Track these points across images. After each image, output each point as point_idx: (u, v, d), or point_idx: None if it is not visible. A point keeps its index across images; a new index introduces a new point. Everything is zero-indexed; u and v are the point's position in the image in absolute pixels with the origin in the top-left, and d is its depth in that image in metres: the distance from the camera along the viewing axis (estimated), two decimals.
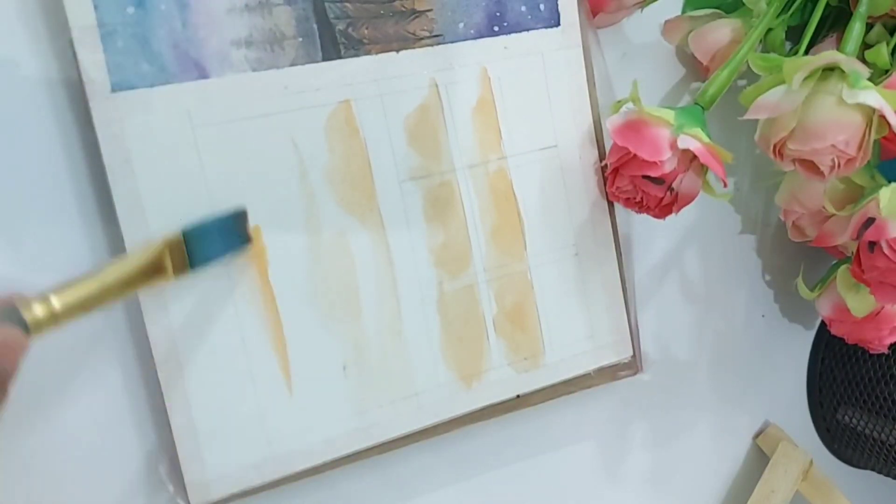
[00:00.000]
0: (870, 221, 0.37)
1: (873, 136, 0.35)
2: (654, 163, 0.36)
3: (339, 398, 0.36)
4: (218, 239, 0.33)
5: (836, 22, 0.44)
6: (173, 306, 0.33)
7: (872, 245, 0.37)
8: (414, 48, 0.37)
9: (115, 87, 0.32)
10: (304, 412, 0.36)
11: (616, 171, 0.39)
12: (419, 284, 0.38)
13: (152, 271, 0.30)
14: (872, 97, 0.34)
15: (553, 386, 0.42)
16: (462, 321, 0.39)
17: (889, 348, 0.46)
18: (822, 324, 0.55)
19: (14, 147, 0.32)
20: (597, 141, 0.42)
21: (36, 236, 0.32)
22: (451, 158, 0.38)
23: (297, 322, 0.35)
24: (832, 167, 0.35)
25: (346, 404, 0.37)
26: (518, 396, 0.41)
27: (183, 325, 0.33)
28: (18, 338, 0.25)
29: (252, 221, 0.34)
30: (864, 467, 0.57)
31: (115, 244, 0.33)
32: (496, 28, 0.39)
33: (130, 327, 0.34)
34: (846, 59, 0.34)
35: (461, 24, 0.38)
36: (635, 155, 0.37)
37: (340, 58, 0.36)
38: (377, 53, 0.36)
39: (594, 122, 0.41)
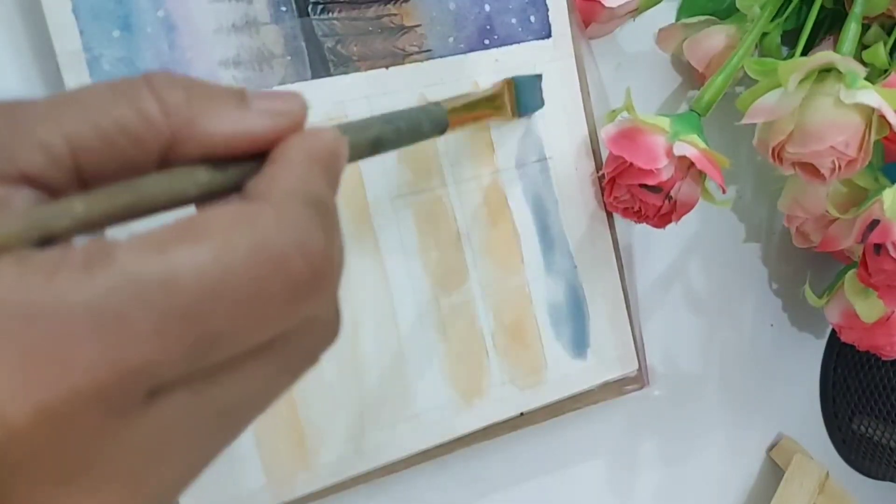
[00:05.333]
0: (874, 223, 0.36)
1: (873, 137, 0.34)
2: (651, 171, 0.36)
3: (339, 421, 0.36)
4: (532, 93, 0.36)
5: (832, 24, 0.44)
6: None
7: (878, 247, 0.36)
8: (403, 64, 0.37)
9: None
10: (303, 435, 0.35)
11: (613, 180, 0.38)
12: (415, 301, 0.37)
13: (495, 103, 0.33)
14: (870, 96, 0.33)
15: (558, 402, 0.41)
16: (460, 338, 0.38)
17: None
18: (833, 331, 0.54)
19: None
20: (593, 152, 0.41)
21: None
22: (441, 174, 0.37)
23: None
24: (833, 169, 0.35)
25: (346, 427, 0.36)
26: (522, 414, 0.40)
27: None
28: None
29: None
30: (883, 478, 0.55)
31: None
32: (487, 41, 0.38)
33: None
34: (842, 59, 0.34)
35: (451, 39, 0.38)
36: (631, 164, 0.36)
37: (330, 75, 0.35)
38: (367, 70, 0.36)
39: (590, 132, 0.41)
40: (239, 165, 0.20)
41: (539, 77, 0.36)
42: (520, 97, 0.35)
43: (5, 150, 0.17)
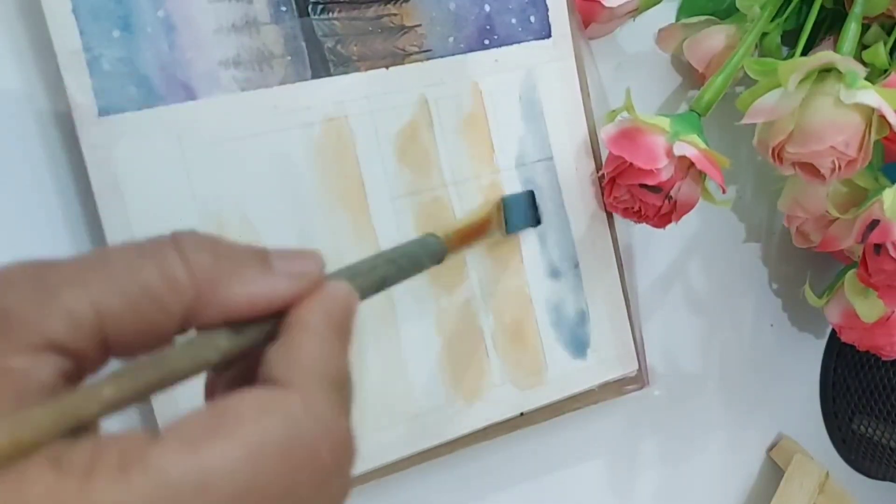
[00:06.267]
0: (874, 223, 0.36)
1: (873, 137, 0.34)
2: (651, 171, 0.35)
3: None
4: (522, 211, 0.37)
5: (832, 24, 0.44)
6: None
7: (878, 247, 0.36)
8: (403, 64, 0.37)
9: (102, 112, 0.31)
10: None
11: (613, 180, 0.38)
12: (416, 301, 0.37)
13: (487, 226, 0.35)
14: (870, 96, 0.33)
15: (558, 402, 0.41)
16: (461, 338, 0.38)
17: None
18: (833, 331, 0.54)
19: (1, 173, 0.31)
20: (593, 152, 0.41)
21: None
22: (441, 174, 0.38)
23: None
24: (833, 169, 0.35)
25: None
26: (522, 414, 0.40)
27: None
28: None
29: (245, 241, 0.34)
30: (883, 478, 0.55)
31: None
32: (486, 41, 0.38)
33: None
34: (842, 59, 0.34)
35: (451, 39, 0.38)
36: (631, 164, 0.36)
37: (330, 75, 0.35)
38: (367, 70, 0.36)
39: (590, 133, 0.41)
40: (257, 326, 0.20)
41: (531, 193, 0.38)
42: (508, 216, 0.37)
43: (32, 319, 0.17)
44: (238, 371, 0.22)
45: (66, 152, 0.32)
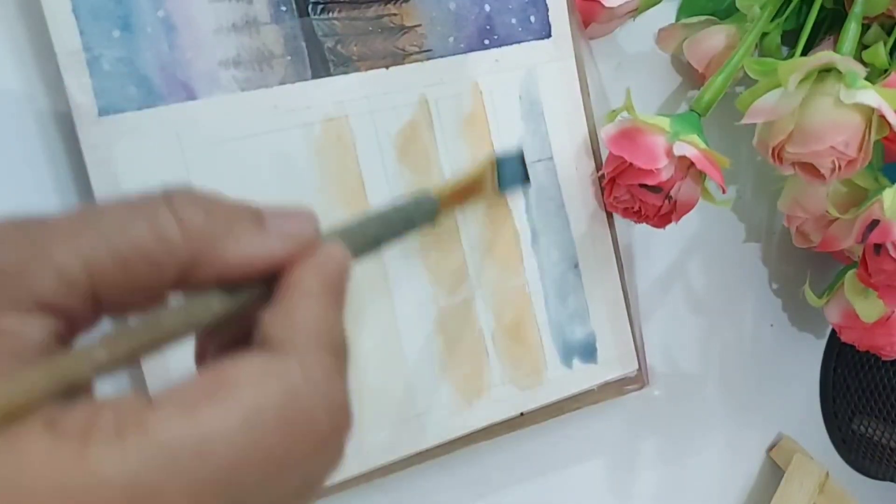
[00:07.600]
0: (874, 223, 0.36)
1: (873, 137, 0.34)
2: (651, 171, 0.35)
3: None
4: (514, 170, 0.37)
5: (832, 24, 0.44)
6: None
7: (878, 247, 0.36)
8: (403, 64, 0.37)
9: (102, 112, 0.31)
10: None
11: (613, 180, 0.38)
12: (416, 301, 0.37)
13: (480, 184, 0.34)
14: (870, 96, 0.33)
15: (558, 402, 0.41)
16: (461, 338, 0.38)
17: None
18: (833, 331, 0.54)
19: (1, 174, 0.31)
20: (593, 152, 0.41)
21: None
22: (441, 174, 0.37)
23: None
24: (833, 169, 0.35)
25: None
26: (522, 414, 0.40)
27: None
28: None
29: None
30: (883, 478, 0.55)
31: None
32: (487, 41, 0.38)
33: None
34: (842, 59, 0.34)
35: (451, 39, 0.38)
36: (631, 164, 0.36)
37: (330, 75, 0.35)
38: (367, 70, 0.36)
39: (590, 133, 0.41)
40: (250, 288, 0.20)
41: (521, 154, 0.38)
42: (501, 175, 0.36)
43: (23, 278, 0.17)
44: (229, 334, 0.22)
45: (66, 152, 0.32)
